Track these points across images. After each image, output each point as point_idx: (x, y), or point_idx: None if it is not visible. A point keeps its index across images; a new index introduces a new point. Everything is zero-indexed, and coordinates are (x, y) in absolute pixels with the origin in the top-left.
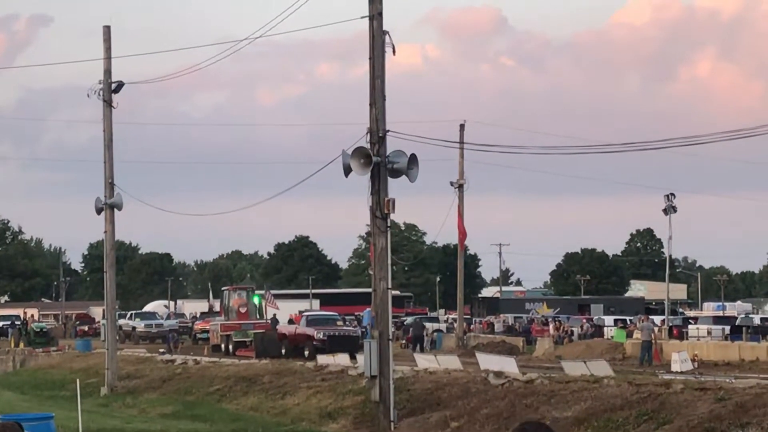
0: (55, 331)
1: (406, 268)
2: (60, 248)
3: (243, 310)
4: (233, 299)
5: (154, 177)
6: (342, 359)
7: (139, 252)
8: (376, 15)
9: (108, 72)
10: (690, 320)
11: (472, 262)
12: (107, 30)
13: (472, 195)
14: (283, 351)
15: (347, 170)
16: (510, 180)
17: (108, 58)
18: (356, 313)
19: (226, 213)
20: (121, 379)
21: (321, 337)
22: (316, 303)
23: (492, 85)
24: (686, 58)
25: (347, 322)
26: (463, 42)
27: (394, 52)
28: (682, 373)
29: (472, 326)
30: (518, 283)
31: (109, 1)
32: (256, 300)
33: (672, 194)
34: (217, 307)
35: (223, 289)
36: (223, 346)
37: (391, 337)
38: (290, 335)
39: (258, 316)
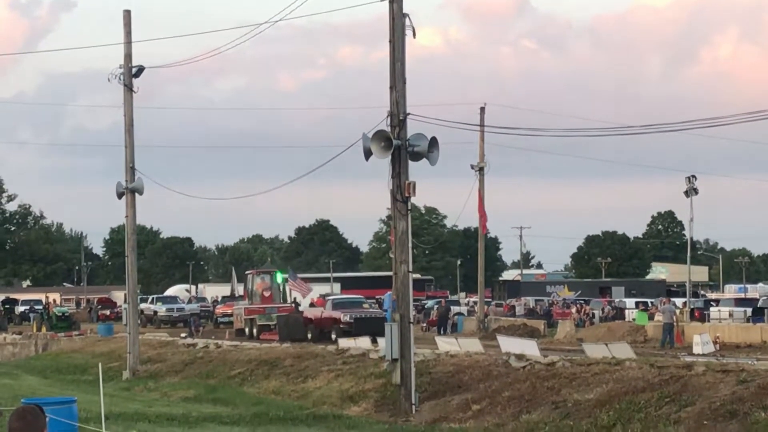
0: (77, 316)
1: (426, 252)
2: (81, 233)
3: (267, 293)
4: (257, 283)
5: (175, 161)
6: (363, 342)
7: (161, 236)
8: None
9: (128, 56)
10: (711, 302)
11: (493, 245)
12: (128, 14)
13: (492, 178)
14: (309, 335)
15: (368, 154)
16: (531, 163)
17: (128, 42)
18: (377, 297)
19: (246, 197)
20: (143, 363)
21: (348, 320)
22: (337, 287)
23: (513, 68)
24: (708, 40)
25: (372, 305)
26: (485, 25)
27: (414, 35)
28: (703, 355)
29: (491, 309)
30: (539, 266)
31: None
32: (279, 279)
33: (693, 176)
34: (240, 291)
35: (246, 272)
36: (246, 329)
37: (412, 321)
38: (316, 319)
39: (282, 300)
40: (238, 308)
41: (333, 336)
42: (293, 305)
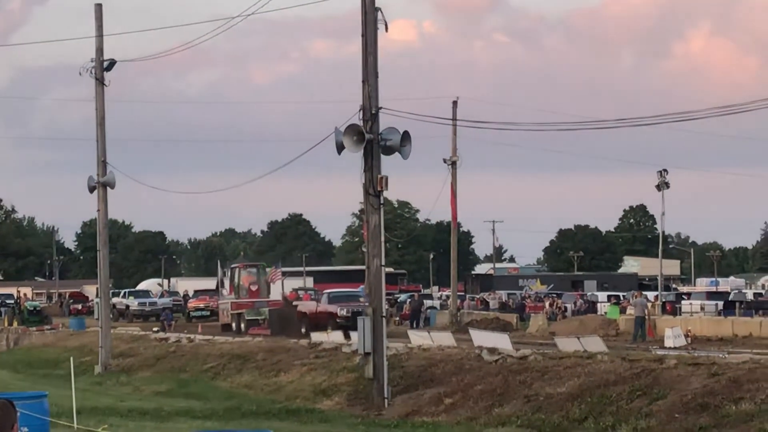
0: (48, 310)
1: (399, 246)
2: (53, 227)
3: (254, 287)
4: (243, 276)
5: (147, 155)
6: (336, 336)
7: (133, 230)
8: None
9: (100, 50)
10: (683, 296)
11: (466, 239)
12: (99, 8)
13: (465, 172)
14: (303, 330)
15: (340, 148)
16: (503, 157)
17: (100, 36)
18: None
19: (219, 191)
20: (115, 357)
21: (344, 313)
22: (309, 281)
23: (486, 62)
24: (681, 34)
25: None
26: (457, 18)
27: (386, 28)
28: (675, 348)
29: (466, 303)
30: (512, 259)
31: None
32: (267, 273)
33: (665, 170)
34: (225, 284)
35: (232, 266)
36: (233, 325)
37: (384, 314)
38: (311, 313)
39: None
40: (224, 303)
41: (328, 331)
42: (283, 299)
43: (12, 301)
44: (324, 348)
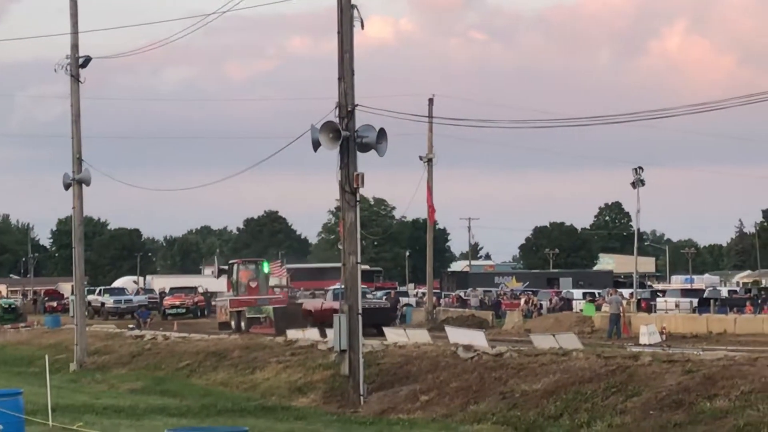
0: (23, 307)
1: (375, 243)
2: (28, 224)
3: (253, 284)
4: (242, 272)
5: (123, 152)
6: (312, 334)
7: (108, 228)
8: None
9: (75, 47)
10: (658, 293)
11: (442, 236)
12: (74, 4)
13: (441, 169)
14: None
15: (316, 145)
16: (479, 154)
17: (75, 33)
18: (326, 288)
19: (194, 188)
20: (90, 354)
21: None
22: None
23: (462, 60)
24: (657, 32)
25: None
26: (434, 16)
27: (362, 26)
28: (650, 345)
29: (445, 300)
30: (488, 257)
31: None
32: (266, 269)
33: (640, 167)
34: (220, 279)
35: (230, 261)
36: (233, 323)
37: (360, 312)
38: (316, 311)
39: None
40: (222, 300)
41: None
42: (287, 296)
43: None
44: (300, 345)
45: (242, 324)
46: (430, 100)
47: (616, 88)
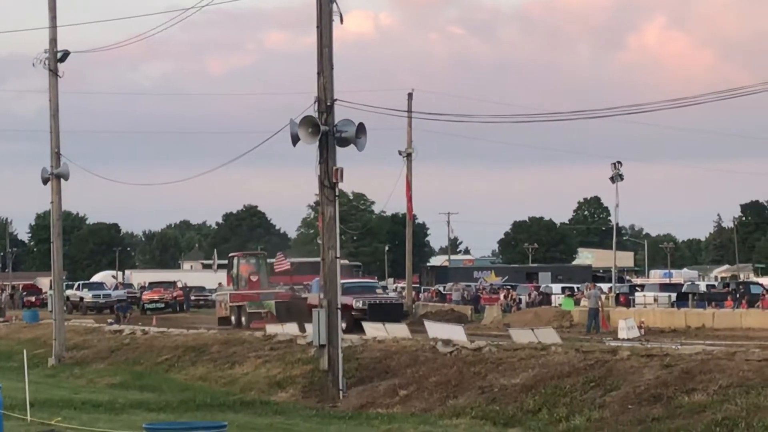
0: (1, 302)
1: (354, 238)
2: (6, 219)
3: (254, 278)
4: (242, 266)
5: (102, 147)
6: (291, 328)
7: (87, 222)
8: None
9: (54, 41)
10: (637, 287)
11: (421, 231)
12: None
13: (420, 164)
14: None
15: (295, 139)
16: (458, 149)
17: (53, 27)
18: (305, 283)
19: (173, 183)
20: (69, 349)
21: (361, 306)
22: None
23: (442, 54)
24: (636, 26)
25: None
26: (413, 10)
27: (341, 20)
28: (628, 340)
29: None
30: (467, 251)
31: None
32: (267, 262)
33: (619, 162)
34: (218, 272)
35: (230, 255)
36: (233, 318)
37: (339, 306)
38: None
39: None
40: (222, 294)
41: (344, 325)
42: (290, 290)
43: None
44: (279, 340)
45: (243, 319)
46: (410, 95)
47: (595, 83)
